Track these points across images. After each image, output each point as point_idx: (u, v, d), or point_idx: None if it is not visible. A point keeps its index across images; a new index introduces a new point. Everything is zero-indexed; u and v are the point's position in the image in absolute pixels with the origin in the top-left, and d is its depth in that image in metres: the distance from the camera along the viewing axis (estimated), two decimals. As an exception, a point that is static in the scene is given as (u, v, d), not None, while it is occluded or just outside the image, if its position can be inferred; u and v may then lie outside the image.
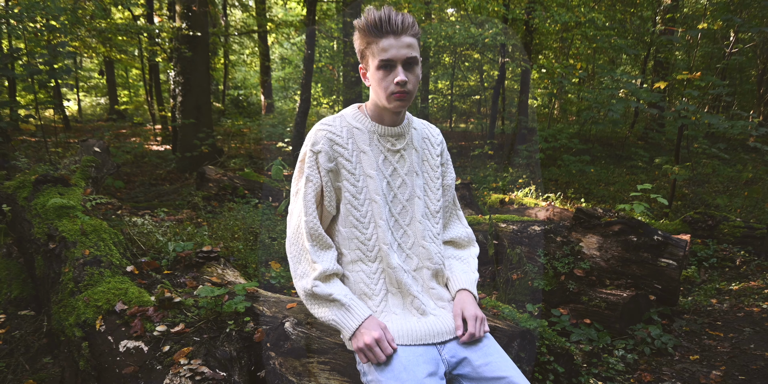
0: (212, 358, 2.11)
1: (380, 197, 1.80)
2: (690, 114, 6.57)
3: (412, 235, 1.86)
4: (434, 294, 1.85)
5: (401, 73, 1.67)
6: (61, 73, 6.15)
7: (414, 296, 1.79)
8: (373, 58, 1.69)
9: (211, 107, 10.79)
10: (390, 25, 1.64)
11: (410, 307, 1.79)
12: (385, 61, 1.66)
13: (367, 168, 1.80)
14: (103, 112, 20.65)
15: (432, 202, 1.92)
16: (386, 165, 1.83)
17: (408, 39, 1.67)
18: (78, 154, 5.52)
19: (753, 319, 3.95)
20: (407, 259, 1.85)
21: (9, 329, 3.00)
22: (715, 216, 5.46)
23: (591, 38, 10.51)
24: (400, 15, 1.65)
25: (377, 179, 1.80)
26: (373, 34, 1.65)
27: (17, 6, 6.33)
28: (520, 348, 2.28)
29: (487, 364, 1.67)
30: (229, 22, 20.73)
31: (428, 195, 1.92)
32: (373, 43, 1.67)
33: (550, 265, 4.03)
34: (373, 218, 1.79)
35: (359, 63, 1.80)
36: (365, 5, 15.03)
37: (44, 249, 3.11)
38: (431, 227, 1.90)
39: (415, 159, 1.89)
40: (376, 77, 1.70)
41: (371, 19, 1.64)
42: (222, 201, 6.08)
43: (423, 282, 1.85)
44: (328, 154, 1.76)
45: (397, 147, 1.85)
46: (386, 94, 1.71)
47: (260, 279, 3.71)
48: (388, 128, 1.83)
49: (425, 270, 1.86)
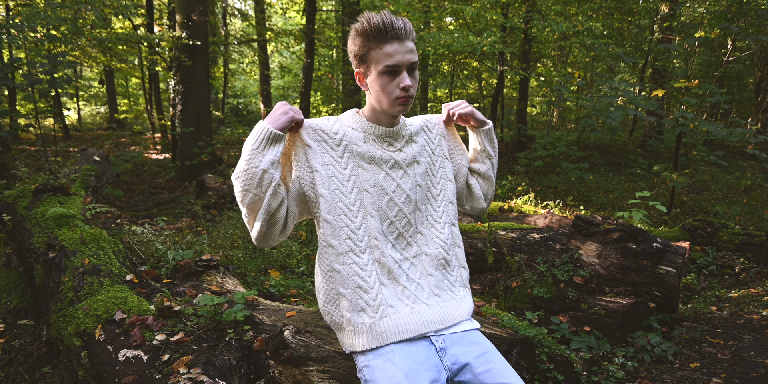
0: (212, 367, 2.11)
1: (375, 189, 1.80)
2: (688, 121, 6.59)
3: (413, 222, 1.86)
4: (432, 281, 1.85)
5: (407, 79, 1.68)
6: (61, 83, 6.17)
7: (404, 286, 1.80)
8: (376, 64, 1.69)
9: (211, 116, 10.82)
10: (394, 30, 1.64)
11: (401, 297, 1.79)
12: (390, 66, 1.66)
13: (359, 159, 1.80)
14: (103, 120, 20.71)
15: (433, 186, 1.93)
16: (385, 159, 1.83)
17: (410, 44, 1.69)
18: (78, 163, 5.53)
19: (753, 327, 3.95)
20: (407, 247, 1.85)
21: (8, 339, 3.00)
22: (714, 223, 5.46)
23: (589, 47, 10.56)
24: (401, 20, 1.66)
25: (371, 172, 1.80)
26: (377, 39, 1.65)
27: (18, 16, 6.36)
28: (519, 356, 2.28)
29: (488, 371, 1.67)
30: (229, 32, 20.83)
31: (430, 180, 1.93)
32: (375, 49, 1.67)
33: (550, 272, 4.03)
34: (362, 207, 1.79)
35: (355, 68, 1.80)
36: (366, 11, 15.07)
37: (44, 258, 3.11)
38: (432, 212, 1.91)
39: (416, 149, 1.89)
40: (379, 82, 1.71)
41: (374, 23, 1.64)
42: (221, 209, 6.09)
43: (422, 268, 1.85)
44: (310, 135, 1.77)
45: (396, 146, 1.86)
46: (391, 99, 1.72)
47: (259, 287, 3.70)
48: (385, 129, 1.84)
49: (424, 256, 1.86)
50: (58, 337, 2.61)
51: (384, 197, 1.81)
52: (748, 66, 16.09)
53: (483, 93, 19.86)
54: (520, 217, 6.97)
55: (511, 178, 10.43)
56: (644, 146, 14.67)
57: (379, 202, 1.80)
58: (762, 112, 14.90)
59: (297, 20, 20.30)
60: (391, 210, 1.82)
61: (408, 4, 10.03)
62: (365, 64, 1.73)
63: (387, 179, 1.82)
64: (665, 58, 13.57)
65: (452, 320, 1.80)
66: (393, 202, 1.82)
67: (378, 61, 1.68)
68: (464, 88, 20.56)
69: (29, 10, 6.39)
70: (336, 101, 15.66)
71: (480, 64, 16.00)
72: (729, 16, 8.88)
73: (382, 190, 1.81)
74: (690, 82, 6.71)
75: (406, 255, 1.84)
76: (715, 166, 10.75)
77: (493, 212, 7.76)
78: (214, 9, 16.52)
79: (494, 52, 9.67)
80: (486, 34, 8.98)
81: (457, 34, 8.88)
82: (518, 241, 4.39)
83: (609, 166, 12.42)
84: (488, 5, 10.96)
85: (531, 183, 9.91)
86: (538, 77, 11.52)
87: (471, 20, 10.76)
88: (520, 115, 13.05)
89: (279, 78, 23.12)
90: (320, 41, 11.97)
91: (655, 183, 10.47)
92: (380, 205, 1.80)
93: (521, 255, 4.25)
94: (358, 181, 1.79)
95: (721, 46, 13.98)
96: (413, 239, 1.87)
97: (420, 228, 1.88)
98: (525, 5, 11.57)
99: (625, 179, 11.08)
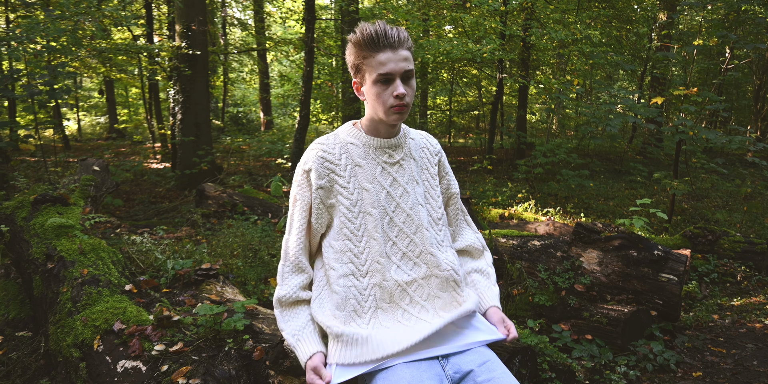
0: (211, 378, 2.09)
1: (377, 210, 1.80)
2: (688, 129, 6.60)
3: (420, 243, 1.84)
4: (438, 303, 1.82)
5: (400, 87, 1.69)
6: (60, 93, 6.18)
7: (404, 309, 1.78)
8: (370, 73, 1.70)
9: (211, 125, 10.84)
10: (387, 39, 1.65)
11: (401, 319, 1.77)
12: (383, 74, 1.67)
13: (363, 181, 1.80)
14: (103, 131, 20.75)
15: (434, 210, 1.92)
16: (384, 176, 1.83)
17: (404, 52, 1.69)
18: (77, 173, 5.53)
19: (755, 335, 3.93)
20: (415, 268, 1.83)
21: (6, 351, 2.98)
22: (715, 231, 5.45)
23: (588, 54, 10.60)
24: (395, 29, 1.67)
25: (373, 192, 1.80)
26: (370, 48, 1.67)
27: (18, 28, 6.38)
28: (521, 364, 2.27)
29: (490, 379, 1.65)
30: (229, 41, 20.92)
31: (430, 203, 1.92)
32: (369, 58, 1.68)
33: (551, 280, 4.02)
34: (366, 231, 1.79)
35: (352, 78, 1.81)
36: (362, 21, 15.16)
37: (42, 269, 3.10)
38: (435, 235, 1.89)
39: (414, 168, 1.89)
40: (373, 91, 1.72)
41: (367, 33, 1.65)
42: (221, 218, 6.07)
43: (430, 290, 1.83)
44: (319, 172, 1.78)
45: (396, 158, 1.86)
46: (385, 107, 1.72)
47: (260, 296, 3.69)
48: (384, 140, 1.84)
49: (434, 278, 1.83)
50: (57, 348, 2.59)
51: (385, 218, 1.82)
52: (747, 74, 16.14)
53: (482, 100, 19.91)
54: (521, 224, 6.96)
55: (511, 186, 10.43)
56: (644, 153, 14.68)
57: (381, 224, 1.81)
58: (761, 119, 14.93)
59: (296, 29, 20.38)
60: (392, 230, 1.82)
61: (407, 12, 10.07)
62: (361, 74, 1.74)
63: (387, 198, 1.83)
64: (664, 65, 13.60)
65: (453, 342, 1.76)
66: (393, 222, 1.83)
67: (372, 69, 1.69)
68: (464, 96, 20.62)
69: (29, 22, 6.40)
70: (336, 109, 15.69)
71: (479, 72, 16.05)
72: (727, 25, 8.91)
73: (383, 210, 1.81)
74: (689, 90, 6.73)
75: (414, 276, 1.82)
76: (715, 173, 10.74)
77: (494, 219, 7.75)
78: (213, 19, 16.62)
79: (493, 59, 9.69)
80: (485, 42, 9.01)
81: (457, 42, 8.90)
82: (519, 249, 4.38)
83: (609, 174, 12.42)
84: (487, 13, 10.99)
85: (531, 190, 9.91)
86: (538, 85, 11.56)
87: (470, 28, 10.79)
88: (520, 122, 13.06)
89: (279, 86, 23.18)
90: (320, 50, 12.00)
91: (656, 190, 10.47)
92: (382, 226, 1.81)
93: (522, 262, 4.24)
94: (362, 205, 1.80)
95: (719, 54, 14.03)
96: (421, 260, 1.84)
97: (430, 248, 1.85)
98: (524, 13, 11.63)
99: (625, 186, 11.08)
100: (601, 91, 12.75)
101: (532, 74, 13.82)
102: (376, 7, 13.46)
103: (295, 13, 17.21)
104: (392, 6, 11.23)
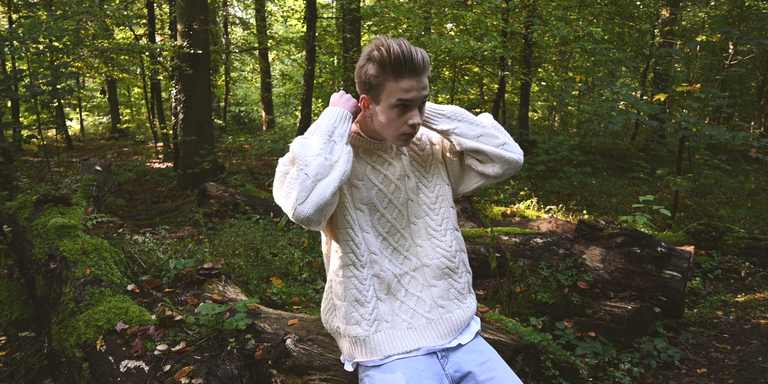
0: (213, 377, 2.09)
1: (366, 207, 1.79)
2: (691, 125, 6.58)
3: (409, 236, 1.85)
4: (435, 292, 1.81)
5: (417, 116, 1.65)
6: (63, 93, 6.18)
7: (401, 301, 1.79)
8: (387, 96, 1.63)
9: (213, 124, 10.83)
10: (413, 65, 1.58)
11: (399, 312, 1.77)
12: (404, 101, 1.61)
13: (352, 178, 1.79)
14: (106, 130, 20.76)
15: (427, 196, 1.89)
16: (375, 174, 1.82)
17: (425, 79, 1.63)
18: (79, 173, 5.54)
19: (760, 332, 3.91)
20: (405, 261, 1.83)
21: (9, 351, 2.99)
22: (719, 227, 5.43)
23: (590, 51, 10.56)
24: (419, 52, 1.58)
25: (363, 189, 1.79)
26: (394, 72, 1.59)
27: (20, 28, 6.38)
28: (524, 362, 2.26)
29: (491, 379, 1.65)
30: (230, 40, 20.91)
31: (422, 191, 1.89)
32: (391, 81, 1.60)
33: (554, 277, 4.01)
34: (360, 225, 1.79)
35: (360, 92, 1.73)
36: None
37: (45, 269, 3.10)
38: (430, 222, 1.87)
39: (405, 162, 1.87)
40: (388, 115, 1.65)
41: (395, 55, 1.56)
42: (223, 217, 6.08)
43: (424, 280, 1.83)
44: None
45: (385, 157, 1.85)
46: (397, 133, 1.68)
47: (261, 295, 3.69)
48: (375, 142, 1.83)
49: (425, 268, 1.83)
50: (60, 348, 2.59)
51: (375, 214, 1.81)
52: (750, 70, 16.09)
53: (484, 98, 19.87)
54: (523, 221, 6.96)
55: (513, 183, 10.41)
56: (647, 150, 14.64)
57: (371, 220, 1.80)
58: (765, 115, 14.89)
59: (298, 28, 20.38)
60: (383, 226, 1.82)
61: (409, 10, 10.06)
62: (375, 93, 1.65)
63: (379, 195, 1.82)
64: (666, 62, 13.56)
65: (452, 334, 1.78)
66: (384, 218, 1.82)
67: (390, 94, 1.62)
68: (465, 94, 20.58)
69: (31, 22, 6.41)
70: (337, 108, 15.65)
71: (481, 70, 16.01)
72: (730, 21, 8.87)
73: (373, 206, 1.81)
74: (692, 86, 6.70)
75: (405, 269, 1.83)
76: (719, 169, 10.70)
77: (496, 217, 7.74)
78: (215, 18, 16.62)
79: (495, 56, 9.66)
80: (487, 39, 8.98)
81: (458, 40, 8.88)
82: (521, 247, 4.37)
83: (612, 171, 12.40)
84: (489, 11, 10.96)
85: (534, 188, 9.89)
86: (540, 82, 11.52)
87: (471, 26, 10.77)
88: (522, 119, 13.04)
89: (280, 85, 23.19)
90: (321, 48, 12.01)
91: (659, 187, 10.45)
92: (371, 222, 1.80)
93: (525, 260, 4.23)
94: (353, 201, 1.79)
95: (722, 50, 13.98)
96: (411, 253, 1.84)
97: (418, 241, 1.85)
98: (525, 11, 11.59)
99: (628, 183, 11.06)
100: (603, 88, 12.70)
101: (534, 72, 13.79)
102: (377, 6, 13.43)
103: (297, 11, 17.22)
104: (394, 4, 11.22)
